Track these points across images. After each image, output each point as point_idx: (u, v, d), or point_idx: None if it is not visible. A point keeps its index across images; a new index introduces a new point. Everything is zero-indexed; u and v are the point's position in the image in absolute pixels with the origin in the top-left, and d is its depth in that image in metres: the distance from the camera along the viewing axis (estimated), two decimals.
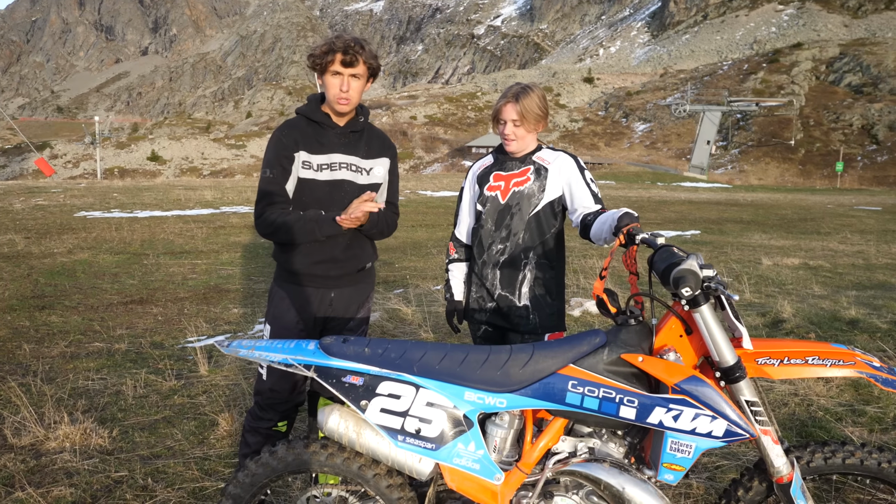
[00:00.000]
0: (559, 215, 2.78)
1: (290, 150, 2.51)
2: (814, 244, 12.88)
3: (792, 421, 3.78)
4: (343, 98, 2.46)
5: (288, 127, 2.56)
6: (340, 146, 2.56)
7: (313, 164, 2.52)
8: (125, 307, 6.60)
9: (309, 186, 2.52)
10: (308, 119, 2.56)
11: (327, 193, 2.54)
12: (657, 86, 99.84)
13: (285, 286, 2.60)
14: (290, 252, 2.57)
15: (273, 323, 2.62)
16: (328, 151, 2.54)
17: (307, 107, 2.59)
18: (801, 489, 1.90)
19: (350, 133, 2.58)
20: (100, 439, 3.52)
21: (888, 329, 5.62)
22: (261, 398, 2.59)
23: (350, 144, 2.58)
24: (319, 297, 2.59)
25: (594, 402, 1.85)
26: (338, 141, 2.56)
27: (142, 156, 79.19)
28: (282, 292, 2.60)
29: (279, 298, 2.60)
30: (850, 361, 1.83)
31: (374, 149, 2.65)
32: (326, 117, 2.54)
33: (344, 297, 2.63)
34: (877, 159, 63.77)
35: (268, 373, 2.54)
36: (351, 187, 2.56)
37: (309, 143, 2.52)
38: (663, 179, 46.52)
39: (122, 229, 12.17)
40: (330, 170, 2.54)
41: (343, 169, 2.56)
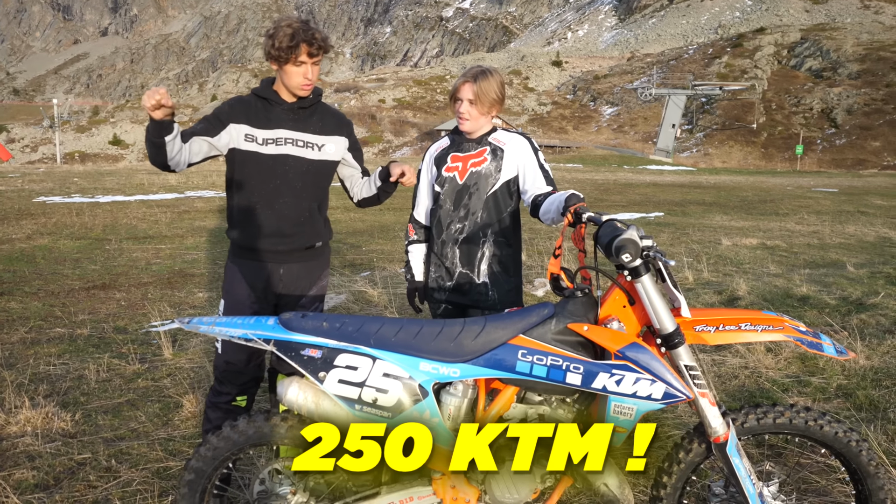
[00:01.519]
0: (515, 195, 2.86)
1: (227, 115, 2.56)
2: (772, 225, 13.26)
3: (741, 392, 3.95)
4: (307, 85, 2.52)
5: (237, 100, 2.62)
6: (288, 122, 2.60)
7: (257, 137, 2.55)
8: (87, 293, 6.52)
9: (252, 159, 2.56)
10: (258, 96, 2.60)
11: (269, 167, 2.58)
12: (624, 69, 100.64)
13: (237, 261, 2.67)
14: (239, 227, 2.64)
15: (227, 297, 2.69)
16: (274, 126, 2.58)
17: (259, 87, 2.64)
18: (737, 448, 2.03)
19: (299, 109, 2.61)
20: (62, 423, 3.52)
21: (836, 305, 5.87)
22: (218, 372, 2.68)
23: (299, 121, 2.62)
24: (269, 271, 2.64)
25: (543, 369, 1.94)
26: (285, 117, 2.59)
27: (103, 140, 77.16)
28: (234, 267, 2.67)
29: (231, 272, 2.68)
30: (779, 326, 1.95)
31: (327, 126, 2.68)
32: (275, 94, 2.58)
33: (293, 273, 2.68)
34: (835, 142, 65.47)
35: (223, 347, 2.62)
36: (296, 162, 2.61)
37: (255, 117, 2.56)
38: (630, 163, 47.11)
39: (84, 214, 11.93)
40: (275, 144, 2.57)
41: (288, 144, 2.59)
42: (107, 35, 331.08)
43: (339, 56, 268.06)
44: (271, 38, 2.47)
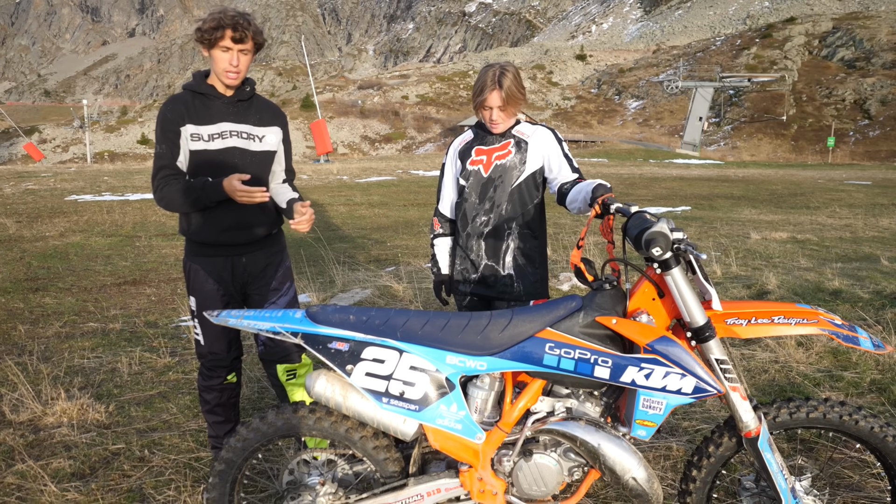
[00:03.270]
0: (540, 186, 2.85)
1: (175, 124, 2.56)
2: (802, 218, 13.00)
3: (771, 387, 3.89)
4: (232, 72, 2.54)
5: (172, 102, 2.60)
6: (229, 115, 2.62)
7: (203, 134, 2.57)
8: (118, 288, 6.66)
9: (202, 157, 2.59)
10: (194, 92, 2.61)
11: (221, 162, 2.61)
12: (650, 62, 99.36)
13: (197, 259, 2.70)
14: (196, 224, 2.66)
15: (196, 295, 2.73)
16: (216, 121, 2.60)
17: (192, 81, 2.65)
18: (769, 442, 2.00)
19: (238, 102, 2.64)
20: (97, 414, 3.60)
21: (869, 299, 5.74)
22: (204, 360, 2.78)
23: (239, 113, 2.64)
24: (231, 263, 2.69)
25: (570, 363, 1.93)
26: (226, 110, 2.62)
27: (132, 139, 78.51)
28: (195, 266, 2.70)
29: (194, 272, 2.70)
30: (814, 320, 1.92)
31: (265, 118, 2.72)
32: (212, 88, 2.60)
33: (256, 260, 2.74)
34: (868, 134, 63.88)
35: (204, 338, 2.73)
36: (243, 154, 2.64)
37: (196, 115, 2.58)
38: (656, 156, 46.55)
39: (114, 212, 12.16)
40: (221, 139, 2.60)
41: (234, 137, 2.62)
42: (134, 36, 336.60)
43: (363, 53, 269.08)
44: (200, 21, 2.51)
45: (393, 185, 19.60)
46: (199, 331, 2.75)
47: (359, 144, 78.15)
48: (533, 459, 2.03)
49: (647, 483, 1.98)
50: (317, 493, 2.14)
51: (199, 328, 2.75)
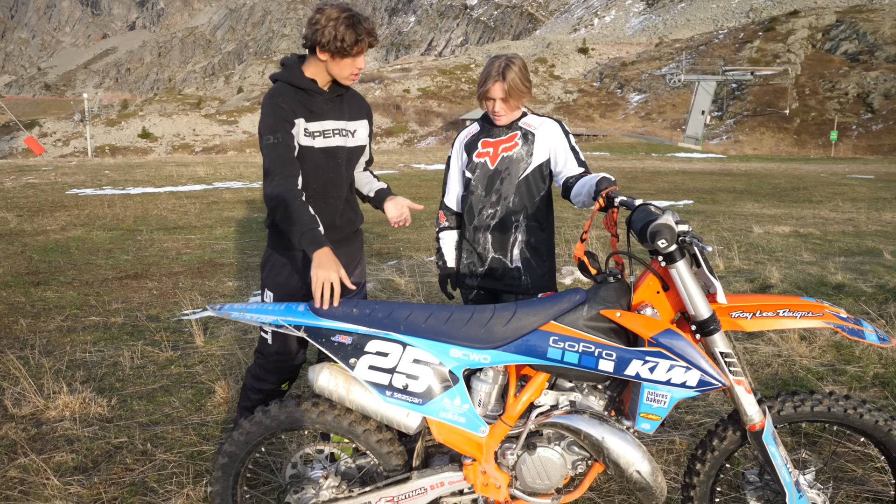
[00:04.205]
0: (547, 178, 2.84)
1: (290, 115, 2.43)
2: (805, 212, 12.97)
3: (774, 381, 3.89)
4: (357, 75, 2.48)
5: (281, 94, 2.45)
6: (330, 111, 2.54)
7: (312, 131, 2.49)
8: (120, 282, 6.65)
9: (307, 155, 2.48)
10: (294, 87, 2.48)
11: (323, 161, 2.53)
12: (652, 56, 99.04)
13: (285, 253, 2.58)
14: None
15: (276, 290, 2.61)
16: (320, 118, 2.50)
17: (289, 73, 2.49)
18: (773, 436, 1.99)
19: (336, 97, 2.56)
20: (99, 408, 3.60)
21: (873, 293, 5.73)
22: (265, 361, 2.61)
23: (336, 108, 2.56)
24: None
25: (574, 356, 1.92)
26: (326, 107, 2.53)
27: (132, 133, 78.42)
28: (282, 259, 2.58)
29: (280, 265, 2.59)
30: (819, 313, 1.91)
31: (355, 110, 2.65)
32: (313, 83, 2.48)
33: (341, 258, 2.58)
34: (871, 128, 63.68)
35: (273, 337, 2.56)
36: (342, 153, 2.58)
37: (303, 110, 2.47)
38: (658, 150, 46.44)
39: (115, 206, 12.15)
40: (323, 137, 2.51)
41: (336, 136, 2.55)
42: (134, 29, 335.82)
43: None
44: (325, 28, 2.32)
45: (395, 178, 19.57)
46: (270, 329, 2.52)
47: None
48: (536, 453, 2.03)
49: (652, 476, 1.98)
50: (320, 487, 2.14)
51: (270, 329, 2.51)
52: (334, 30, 2.32)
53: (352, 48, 2.35)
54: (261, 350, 2.63)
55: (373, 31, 2.38)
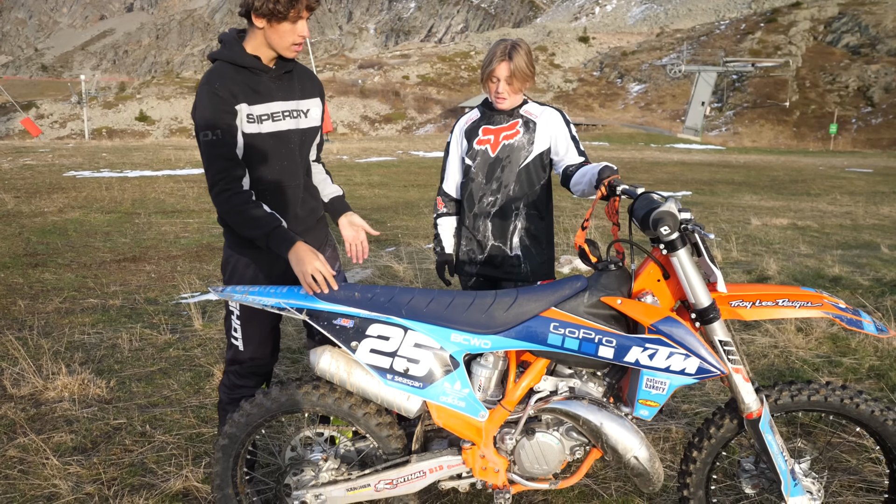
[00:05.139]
0: (547, 167, 2.84)
1: (229, 103, 2.14)
2: (803, 205, 12.99)
3: (771, 371, 3.91)
4: (300, 45, 2.20)
5: (219, 77, 2.16)
6: (278, 91, 2.26)
7: (256, 116, 2.20)
8: (118, 265, 6.65)
9: (254, 142, 2.22)
10: (236, 66, 2.19)
11: (273, 147, 2.27)
12: (653, 45, 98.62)
13: (245, 252, 2.34)
14: None
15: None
16: (266, 99, 2.22)
17: (229, 51, 2.20)
18: (770, 424, 2.01)
19: (284, 74, 2.28)
20: (98, 389, 3.62)
21: (869, 286, 5.75)
22: (240, 367, 2.43)
23: (284, 87, 2.28)
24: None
25: (574, 342, 1.93)
26: (273, 86, 2.25)
27: (130, 116, 77.98)
28: (245, 259, 2.35)
29: (243, 266, 2.35)
30: (818, 303, 1.92)
31: (306, 88, 2.36)
32: (256, 60, 2.20)
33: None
34: (871, 121, 63.64)
35: (245, 342, 2.36)
36: (294, 136, 2.32)
37: (247, 92, 2.18)
38: (657, 141, 46.37)
39: (113, 189, 12.11)
40: (272, 120, 2.24)
41: (287, 118, 2.28)
42: (132, 11, 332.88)
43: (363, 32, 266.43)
44: None
45: (393, 165, 19.53)
46: (240, 335, 2.36)
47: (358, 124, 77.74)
48: (535, 438, 2.04)
49: (649, 462, 2.00)
50: (319, 469, 2.16)
51: (239, 332, 2.36)
52: None
53: (287, 10, 2.08)
54: (234, 358, 2.42)
55: None
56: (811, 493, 2.08)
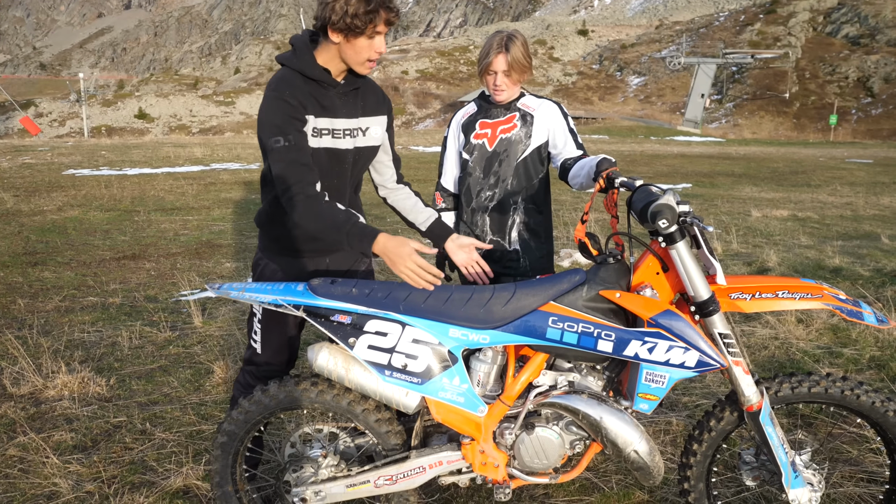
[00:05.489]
0: (545, 161, 2.83)
1: (300, 111, 2.08)
2: (803, 196, 12.96)
3: (771, 363, 3.91)
4: (374, 62, 2.13)
5: (288, 85, 2.11)
6: (342, 108, 2.19)
7: (318, 129, 2.15)
8: (118, 263, 6.64)
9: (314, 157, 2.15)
10: (304, 76, 2.13)
11: (327, 164, 2.19)
12: (652, 38, 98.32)
13: (276, 259, 2.32)
14: (285, 227, 2.28)
15: None
16: (331, 115, 2.16)
17: (300, 59, 2.14)
18: (770, 416, 2.00)
19: (352, 91, 2.22)
20: (97, 387, 3.61)
21: (870, 276, 5.74)
22: (255, 369, 2.39)
23: (349, 104, 2.21)
24: (315, 264, 2.34)
25: (573, 336, 1.92)
26: (339, 102, 2.18)
27: (129, 114, 77.89)
28: (273, 266, 2.32)
29: (270, 272, 2.32)
30: (818, 294, 1.91)
31: (370, 105, 2.29)
32: (326, 74, 2.13)
33: (339, 261, 2.40)
34: (871, 112, 63.48)
35: (263, 346, 2.34)
36: (350, 155, 2.25)
37: (312, 105, 2.12)
38: (657, 134, 46.29)
39: (112, 187, 12.10)
40: (332, 136, 2.17)
41: (347, 136, 2.21)
42: (130, 8, 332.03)
43: None
44: (336, 2, 1.99)
45: None
46: (259, 338, 2.33)
47: None
48: (535, 432, 2.04)
49: (649, 456, 1.99)
50: (318, 466, 2.15)
51: (259, 335, 2.33)
52: (345, 3, 1.99)
53: (365, 25, 2.01)
54: (250, 359, 2.40)
55: (391, 4, 2.04)
56: (812, 484, 2.08)
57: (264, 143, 2.10)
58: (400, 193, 2.51)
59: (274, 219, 2.29)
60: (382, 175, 2.49)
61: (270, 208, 2.29)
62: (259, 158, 17.86)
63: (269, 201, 2.29)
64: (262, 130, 2.11)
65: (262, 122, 2.11)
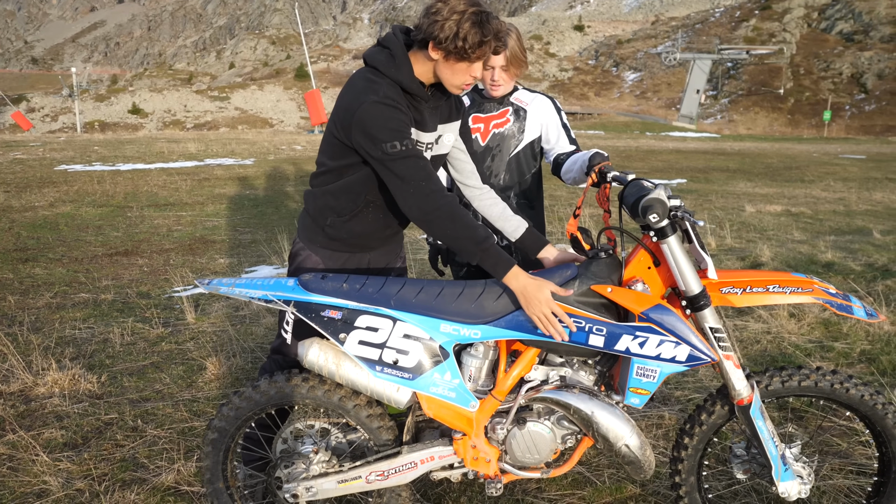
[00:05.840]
0: (538, 156, 2.82)
1: (408, 124, 2.01)
2: (797, 192, 13.00)
3: (763, 357, 3.92)
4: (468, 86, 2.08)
5: (394, 95, 2.00)
6: (430, 122, 2.13)
7: (419, 144, 2.11)
8: (110, 259, 6.60)
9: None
10: (403, 88, 2.04)
11: None
12: (648, 34, 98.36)
13: (319, 250, 2.25)
14: (340, 221, 2.20)
15: None
16: (420, 128, 2.09)
17: (398, 70, 2.02)
18: (760, 410, 2.00)
19: (438, 104, 2.16)
20: (88, 384, 3.59)
21: (861, 271, 5.77)
22: (282, 359, 2.35)
23: (433, 118, 2.15)
24: (356, 261, 2.29)
25: (565, 331, 1.92)
26: (427, 115, 2.12)
27: (122, 109, 77.54)
28: (315, 257, 2.26)
29: (312, 263, 2.26)
30: (808, 289, 1.91)
31: (445, 112, 2.20)
32: (421, 88, 2.06)
33: (379, 257, 2.35)
34: (865, 108, 63.73)
35: (293, 338, 2.26)
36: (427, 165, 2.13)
37: (411, 119, 2.06)
38: (652, 129, 46.34)
39: (105, 182, 12.03)
40: (424, 151, 2.13)
41: (427, 150, 2.14)
42: (123, 2, 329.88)
43: (358, 22, 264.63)
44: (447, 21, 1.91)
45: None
46: (291, 329, 2.26)
47: None
48: (526, 427, 2.03)
49: (640, 450, 1.99)
50: (310, 462, 2.14)
51: (290, 326, 2.26)
52: (457, 25, 1.90)
53: (473, 50, 1.94)
54: (279, 348, 2.34)
55: (502, 34, 1.99)
56: (802, 477, 2.08)
57: (380, 146, 1.96)
58: (486, 198, 2.36)
59: (337, 211, 2.19)
60: (461, 172, 2.35)
61: (326, 197, 2.20)
62: (254, 154, 17.80)
63: (333, 194, 2.19)
64: (375, 135, 1.96)
65: (373, 128, 1.96)
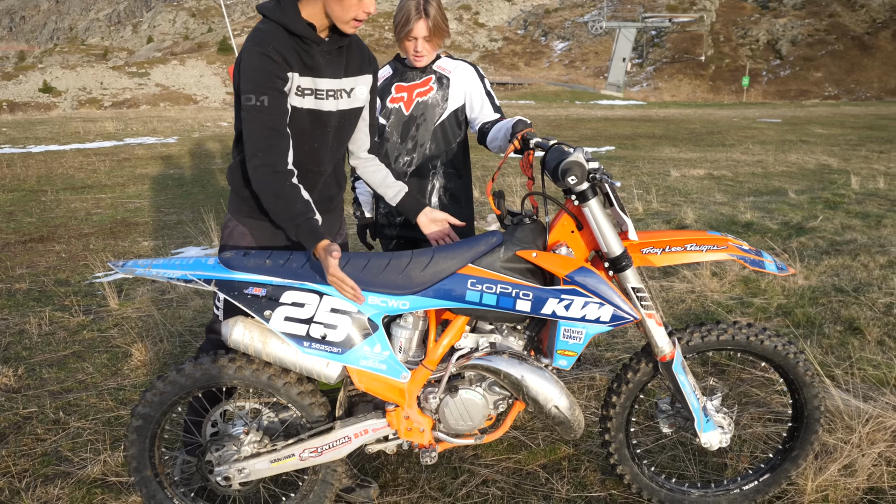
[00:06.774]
0: (463, 124, 2.80)
1: (283, 69, 1.93)
2: (719, 156, 13.50)
3: (688, 315, 4.08)
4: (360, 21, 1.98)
5: (272, 39, 1.94)
6: (327, 67, 2.04)
7: (301, 88, 2.02)
8: (24, 246, 6.24)
9: (291, 117, 2.02)
10: (288, 31, 1.96)
11: (309, 126, 2.07)
12: (575, 2, 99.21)
13: (246, 221, 2.18)
14: None
15: None
16: (315, 74, 2.01)
17: (283, 12, 1.95)
18: (682, 365, 2.09)
19: (336, 49, 2.06)
20: (4, 378, 3.41)
21: (777, 229, 6.07)
22: (217, 337, 2.29)
23: (334, 63, 2.07)
24: (284, 235, 2.21)
25: (492, 297, 1.93)
26: (323, 60, 2.03)
27: (32, 87, 72.67)
28: (242, 228, 2.19)
29: (239, 234, 2.19)
30: (723, 246, 1.98)
31: (354, 63, 2.15)
32: (310, 30, 1.96)
33: None
34: (780, 74, 66.54)
35: (224, 315, 2.21)
36: (333, 118, 2.12)
37: (297, 62, 1.97)
38: (581, 98, 47.03)
39: (15, 165, 11.30)
40: (315, 97, 2.04)
41: (329, 98, 2.07)
42: None
43: None
44: None
45: None
46: (222, 305, 2.22)
47: None
48: (458, 395, 2.05)
49: (570, 411, 2.04)
50: (241, 443, 2.10)
51: (221, 303, 2.21)
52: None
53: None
54: (213, 327, 2.30)
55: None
56: (722, 427, 2.19)
57: (238, 99, 1.97)
58: (370, 165, 2.37)
59: (246, 178, 2.13)
60: (355, 142, 2.34)
61: (242, 168, 2.14)
62: (178, 131, 17.08)
63: (239, 160, 2.14)
64: (238, 86, 1.96)
65: (238, 76, 1.96)
